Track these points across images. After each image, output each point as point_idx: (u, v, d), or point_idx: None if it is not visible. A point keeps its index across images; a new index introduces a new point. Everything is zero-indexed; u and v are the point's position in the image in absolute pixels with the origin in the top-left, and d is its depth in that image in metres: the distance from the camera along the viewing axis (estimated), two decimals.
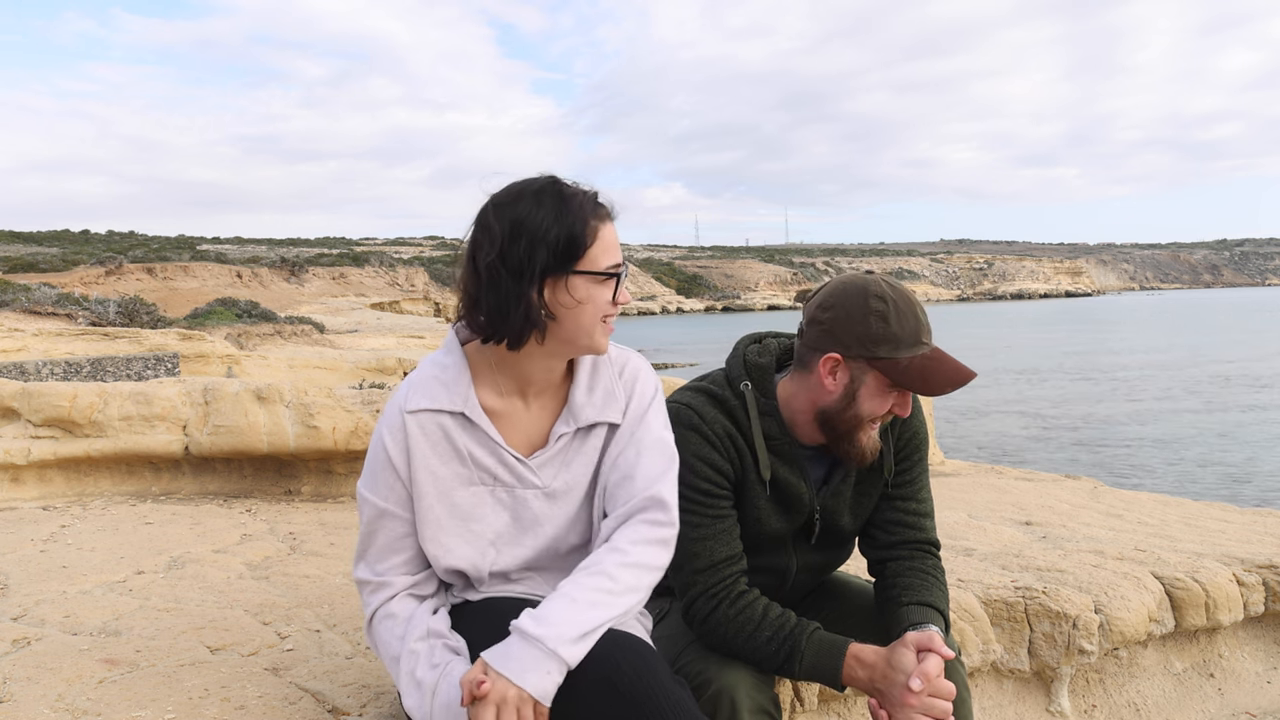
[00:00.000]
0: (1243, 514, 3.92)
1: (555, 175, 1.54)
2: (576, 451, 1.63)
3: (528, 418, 1.62)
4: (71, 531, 3.58)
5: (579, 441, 1.63)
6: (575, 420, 1.61)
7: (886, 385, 1.68)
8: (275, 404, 4.40)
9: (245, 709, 1.92)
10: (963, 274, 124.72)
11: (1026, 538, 3.37)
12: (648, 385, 1.67)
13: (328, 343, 20.47)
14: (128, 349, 13.94)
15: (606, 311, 1.55)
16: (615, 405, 1.63)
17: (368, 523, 1.60)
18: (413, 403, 1.57)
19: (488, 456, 1.58)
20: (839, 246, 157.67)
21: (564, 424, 1.62)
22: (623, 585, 1.50)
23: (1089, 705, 2.74)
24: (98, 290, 32.45)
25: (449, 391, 1.57)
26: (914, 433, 1.87)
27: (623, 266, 1.55)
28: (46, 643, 2.29)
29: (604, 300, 1.53)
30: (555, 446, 1.61)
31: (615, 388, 1.64)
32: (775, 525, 1.81)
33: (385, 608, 1.60)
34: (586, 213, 1.51)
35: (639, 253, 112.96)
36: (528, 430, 1.62)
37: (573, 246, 1.49)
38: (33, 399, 4.41)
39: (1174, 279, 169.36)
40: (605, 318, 1.55)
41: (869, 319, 1.67)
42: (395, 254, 71.83)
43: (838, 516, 1.84)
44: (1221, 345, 35.67)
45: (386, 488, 1.57)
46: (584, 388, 1.63)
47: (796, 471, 1.79)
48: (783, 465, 1.78)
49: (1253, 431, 15.74)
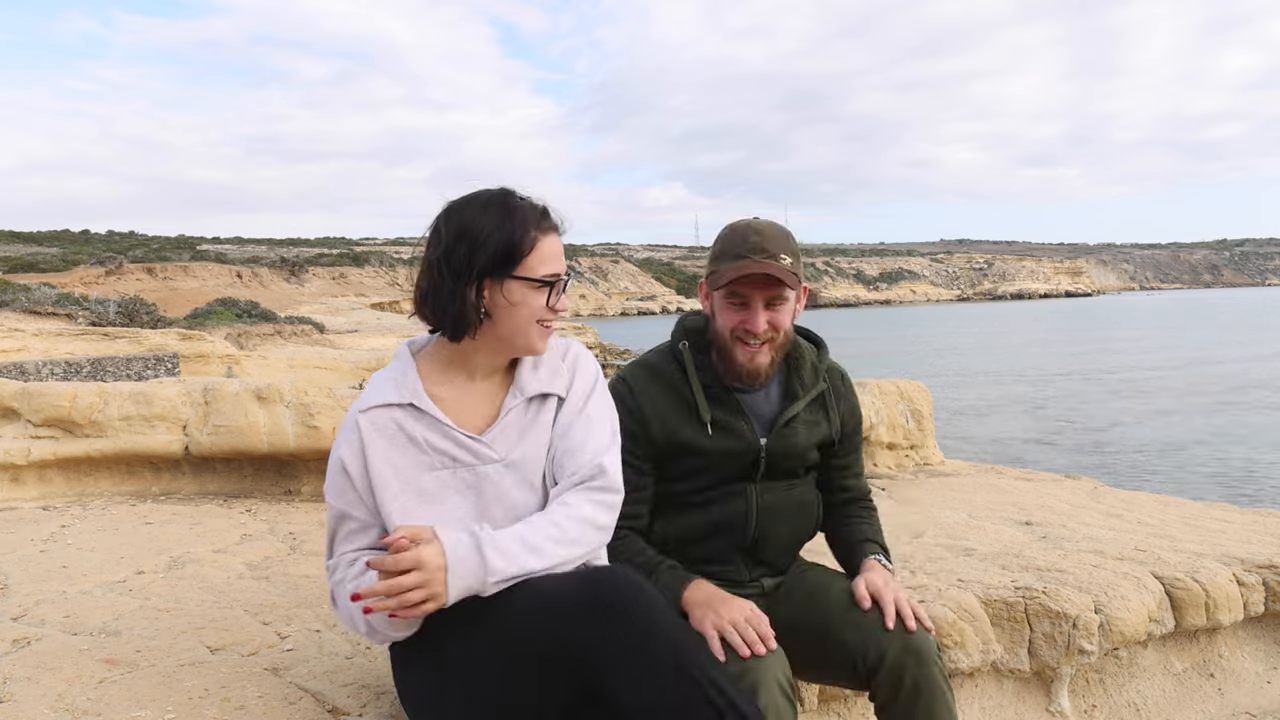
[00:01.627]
0: (1243, 514, 3.92)
1: (510, 189, 1.69)
2: (530, 423, 1.72)
3: (477, 399, 1.72)
4: (71, 531, 3.58)
5: (531, 413, 1.73)
6: (522, 392, 1.72)
7: (723, 298, 1.92)
8: (275, 404, 4.40)
9: (245, 709, 1.92)
10: (963, 274, 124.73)
11: (1026, 538, 3.37)
12: (589, 366, 1.82)
13: (328, 343, 20.47)
14: (128, 349, 13.94)
15: (542, 316, 1.68)
16: (560, 380, 1.76)
17: (330, 522, 1.72)
18: (365, 401, 1.69)
19: (442, 439, 1.66)
20: (839, 246, 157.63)
21: (512, 397, 1.72)
22: (568, 537, 1.62)
23: (1089, 705, 2.74)
24: (98, 290, 32.45)
25: (397, 387, 1.69)
26: (853, 409, 2.14)
27: (564, 277, 1.70)
28: (46, 643, 2.29)
29: (539, 305, 1.67)
30: (506, 419, 1.71)
31: (559, 367, 1.77)
32: (726, 465, 1.98)
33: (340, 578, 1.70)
34: (529, 224, 1.65)
35: (639, 253, 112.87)
36: (478, 411, 1.72)
37: (511, 253, 1.63)
38: (33, 399, 4.41)
39: (1174, 279, 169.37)
40: (542, 321, 1.68)
41: (715, 244, 1.97)
42: (395, 254, 71.82)
43: (783, 456, 2.01)
44: (1222, 345, 35.67)
45: (339, 490, 1.68)
46: (529, 365, 1.75)
47: (735, 411, 1.98)
48: (721, 409, 1.98)
49: (1253, 432, 15.74)
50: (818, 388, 2.05)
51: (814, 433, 2.05)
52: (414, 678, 1.65)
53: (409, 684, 1.67)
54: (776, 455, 2.00)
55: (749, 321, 1.90)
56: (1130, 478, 12.05)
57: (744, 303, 1.90)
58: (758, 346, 1.92)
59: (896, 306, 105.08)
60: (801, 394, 2.02)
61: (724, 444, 1.97)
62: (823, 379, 2.07)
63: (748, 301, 1.89)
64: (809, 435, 2.04)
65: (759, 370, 1.94)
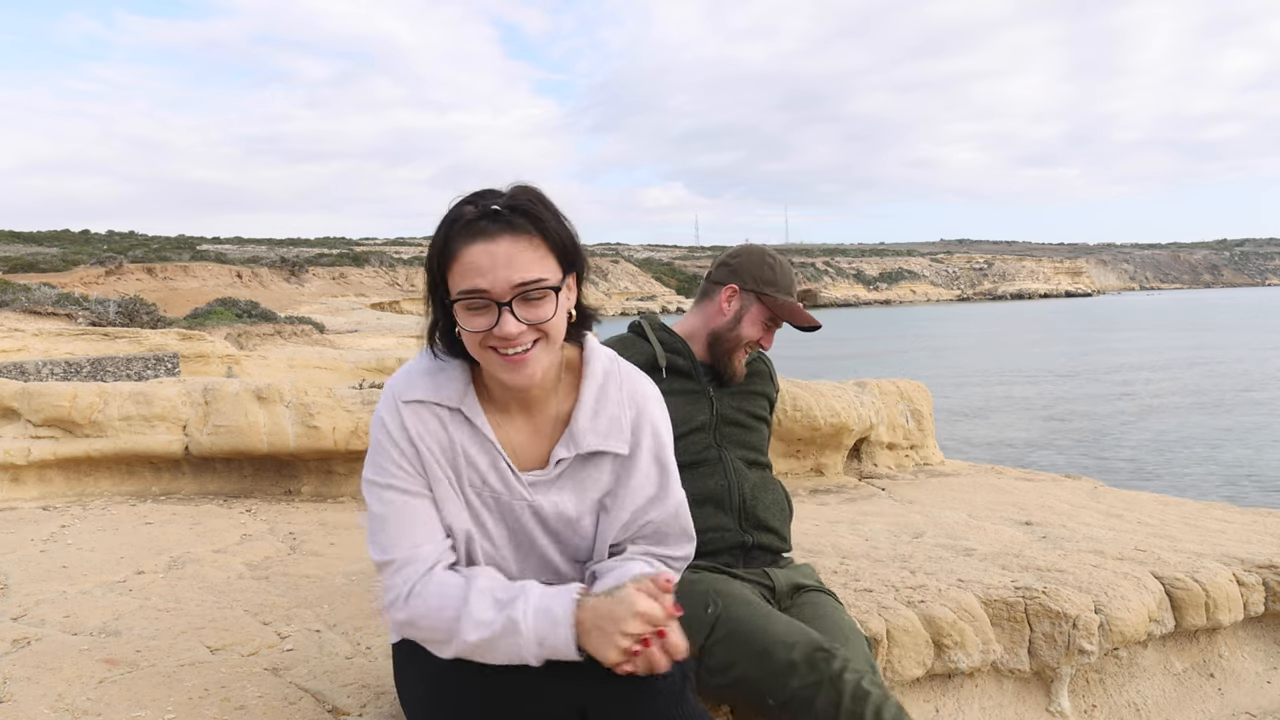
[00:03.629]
0: (1243, 514, 3.92)
1: (478, 190, 1.46)
2: (573, 478, 1.56)
3: (526, 432, 1.56)
4: (71, 531, 3.58)
5: (576, 467, 1.56)
6: (576, 446, 1.54)
7: (764, 316, 2.23)
8: (275, 404, 4.40)
9: (245, 709, 1.92)
10: (963, 274, 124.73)
11: (1026, 538, 3.37)
12: (659, 417, 1.61)
13: (328, 343, 20.46)
14: (128, 349, 13.94)
15: (487, 340, 1.42)
16: (620, 434, 1.55)
17: (380, 505, 1.51)
18: (408, 392, 1.51)
19: (481, 457, 1.52)
20: (839, 246, 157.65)
21: (563, 448, 1.54)
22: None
23: (1089, 705, 2.74)
24: (98, 290, 32.46)
25: (447, 385, 1.51)
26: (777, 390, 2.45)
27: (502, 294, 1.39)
28: (46, 643, 2.29)
29: (475, 327, 1.41)
30: (554, 470, 1.55)
31: (622, 414, 1.56)
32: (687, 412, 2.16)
33: (426, 578, 1.49)
34: (455, 231, 1.42)
35: (639, 253, 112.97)
36: (525, 445, 1.56)
37: (438, 268, 1.44)
38: (33, 399, 4.41)
39: (1174, 279, 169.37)
40: (491, 347, 1.42)
41: (764, 267, 2.25)
42: (395, 254, 71.84)
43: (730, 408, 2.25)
44: (1222, 345, 35.67)
45: (395, 465, 1.50)
46: (588, 411, 1.55)
47: (689, 363, 2.23)
48: (678, 358, 2.22)
49: (1253, 431, 15.74)
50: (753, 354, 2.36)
51: (752, 384, 2.33)
52: (415, 678, 1.65)
53: (410, 684, 1.67)
54: (726, 404, 2.24)
55: (765, 341, 2.27)
56: (1130, 478, 12.05)
57: (772, 328, 2.27)
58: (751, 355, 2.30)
59: (896, 306, 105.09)
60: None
61: (678, 385, 2.19)
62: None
63: (774, 328, 2.27)
64: (747, 385, 2.31)
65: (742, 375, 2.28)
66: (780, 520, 2.23)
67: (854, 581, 2.76)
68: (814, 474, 4.67)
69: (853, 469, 4.89)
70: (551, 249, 1.44)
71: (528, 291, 1.40)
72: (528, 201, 1.43)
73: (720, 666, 1.79)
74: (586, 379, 1.56)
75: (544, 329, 1.43)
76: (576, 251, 1.48)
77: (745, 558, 2.13)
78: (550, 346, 1.46)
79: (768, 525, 2.18)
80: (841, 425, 4.57)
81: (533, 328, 1.41)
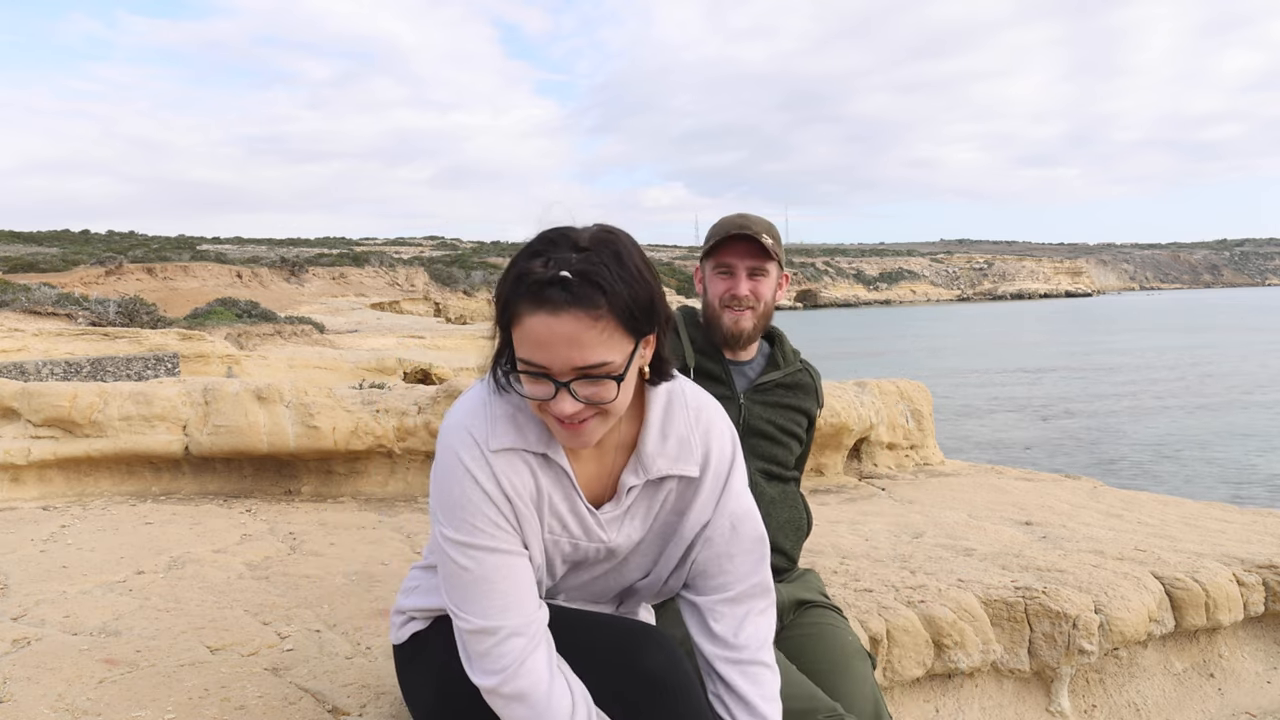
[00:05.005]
0: (1243, 514, 3.92)
1: (553, 233, 1.34)
2: (642, 504, 1.51)
3: (595, 463, 1.49)
4: (71, 531, 3.58)
5: (648, 493, 1.51)
6: (646, 471, 1.48)
7: (712, 270, 2.15)
8: (275, 404, 4.40)
9: (245, 709, 1.92)
10: (963, 274, 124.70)
11: (1026, 538, 3.37)
12: (725, 438, 1.55)
13: (328, 343, 20.46)
14: (128, 349, 13.94)
15: (549, 410, 1.35)
16: (690, 456, 1.50)
17: (475, 566, 1.40)
18: (496, 440, 1.40)
19: (562, 502, 1.46)
20: (839, 246, 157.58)
21: (633, 474, 1.48)
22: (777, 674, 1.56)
23: (1089, 705, 2.74)
24: (98, 290, 32.46)
25: (528, 427, 1.42)
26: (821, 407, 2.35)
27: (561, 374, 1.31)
28: (46, 643, 2.29)
29: (533, 395, 1.34)
30: (626, 501, 1.49)
31: (691, 436, 1.50)
32: None
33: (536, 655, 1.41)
34: (520, 291, 1.31)
35: None
36: (596, 476, 1.50)
37: (504, 315, 1.34)
38: (33, 399, 4.41)
39: (1174, 279, 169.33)
40: (552, 414, 1.35)
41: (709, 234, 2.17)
42: (395, 254, 71.83)
43: (760, 419, 2.18)
44: (1222, 345, 35.66)
45: (491, 524, 1.40)
46: (656, 434, 1.48)
47: (720, 366, 2.17)
48: (708, 360, 2.17)
49: (1253, 432, 15.73)
50: (795, 366, 2.27)
51: (790, 397, 2.23)
52: (419, 679, 1.64)
53: (414, 685, 1.66)
54: (755, 415, 2.17)
55: (734, 288, 2.12)
56: (1130, 478, 12.04)
57: (730, 271, 2.12)
58: (741, 311, 2.13)
59: (896, 306, 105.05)
60: (783, 365, 2.24)
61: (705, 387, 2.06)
62: (800, 364, 2.30)
63: (733, 270, 2.12)
64: (784, 398, 2.23)
65: (742, 333, 2.14)
66: (792, 541, 2.19)
67: (854, 581, 2.76)
68: (814, 474, 4.68)
69: (853, 469, 4.90)
70: (621, 324, 1.33)
71: (589, 372, 1.33)
72: (602, 264, 1.31)
73: None
74: (651, 401, 1.50)
75: (604, 409, 1.37)
76: (653, 313, 1.37)
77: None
78: (609, 420, 1.39)
79: (776, 546, 2.12)
80: (841, 425, 4.57)
81: (591, 405, 1.35)
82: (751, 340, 2.17)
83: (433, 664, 1.60)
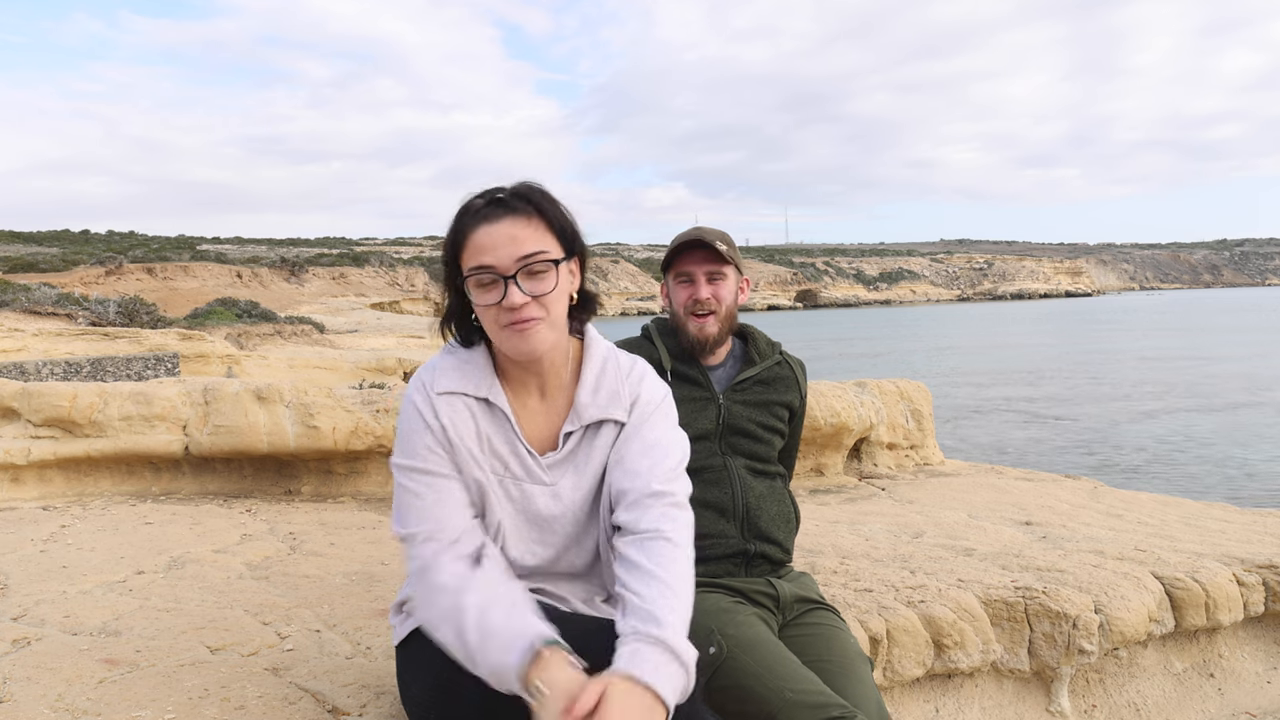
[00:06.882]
0: (1243, 514, 3.92)
1: (490, 187, 1.59)
2: (585, 452, 1.66)
3: (542, 416, 1.66)
4: (71, 531, 3.58)
5: (587, 441, 1.66)
6: (580, 419, 1.65)
7: (673, 281, 2.22)
8: (275, 404, 4.40)
9: (245, 709, 1.92)
10: (963, 274, 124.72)
11: (1026, 538, 3.37)
12: (655, 388, 1.71)
13: (328, 343, 20.47)
14: (128, 349, 13.95)
15: (499, 316, 1.53)
16: (620, 404, 1.66)
17: (411, 484, 1.57)
18: (440, 384, 1.61)
19: (503, 445, 1.62)
20: (839, 246, 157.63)
21: (570, 423, 1.65)
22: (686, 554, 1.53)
23: (1089, 705, 2.74)
24: (98, 290, 32.47)
25: (474, 376, 1.62)
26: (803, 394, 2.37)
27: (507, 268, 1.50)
28: (46, 643, 2.29)
29: (488, 303, 1.53)
30: (565, 448, 1.65)
31: (621, 388, 1.67)
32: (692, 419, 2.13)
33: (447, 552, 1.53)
34: (466, 215, 1.56)
35: (639, 253, 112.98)
36: (541, 428, 1.66)
37: (453, 250, 1.57)
38: (33, 399, 4.41)
39: (1174, 279, 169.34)
40: (507, 323, 1.52)
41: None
42: (395, 254, 71.84)
43: (740, 417, 2.21)
44: (1222, 345, 35.67)
45: (427, 449, 1.58)
46: (589, 388, 1.66)
47: (696, 370, 2.21)
48: (683, 364, 2.21)
49: (1252, 431, 15.74)
50: (774, 359, 2.29)
51: (769, 393, 2.26)
52: (418, 679, 1.65)
53: (412, 685, 1.67)
54: (735, 413, 2.20)
55: (695, 293, 2.19)
56: (1130, 478, 12.04)
57: (690, 279, 2.20)
58: (704, 317, 2.19)
59: (896, 306, 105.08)
60: (758, 361, 2.27)
61: (684, 392, 2.16)
62: (779, 355, 2.32)
63: (693, 277, 2.19)
64: (763, 394, 2.25)
65: (708, 338, 2.20)
66: (784, 533, 2.22)
67: (854, 581, 2.76)
68: (814, 474, 4.68)
69: (853, 469, 4.90)
70: (551, 229, 1.56)
71: (530, 264, 1.52)
72: (529, 190, 1.58)
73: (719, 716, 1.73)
74: (587, 363, 1.69)
75: (546, 303, 1.53)
76: (576, 237, 1.61)
77: (747, 566, 2.11)
78: (553, 323, 1.56)
79: (770, 536, 2.16)
80: (841, 425, 4.57)
81: (536, 301, 1.52)
82: (720, 343, 2.24)
83: (431, 665, 1.60)
